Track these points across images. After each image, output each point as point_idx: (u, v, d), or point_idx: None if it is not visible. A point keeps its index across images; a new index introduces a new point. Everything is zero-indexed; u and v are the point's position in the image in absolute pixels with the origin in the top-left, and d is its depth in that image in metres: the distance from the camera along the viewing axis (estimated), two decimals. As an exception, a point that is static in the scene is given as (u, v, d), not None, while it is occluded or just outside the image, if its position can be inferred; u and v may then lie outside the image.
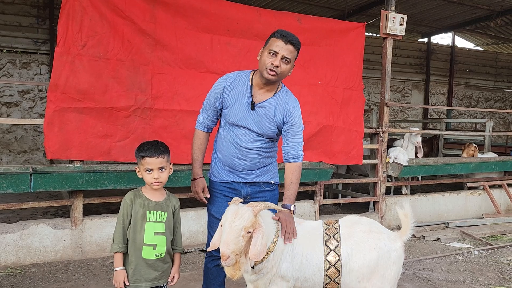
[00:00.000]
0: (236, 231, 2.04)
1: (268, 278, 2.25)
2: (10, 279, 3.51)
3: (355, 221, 2.43)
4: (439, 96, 12.83)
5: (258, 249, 2.06)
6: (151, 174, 2.22)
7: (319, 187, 5.23)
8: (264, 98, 2.52)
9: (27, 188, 3.58)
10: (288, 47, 2.42)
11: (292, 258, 2.26)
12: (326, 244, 2.28)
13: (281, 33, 2.44)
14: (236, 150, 2.54)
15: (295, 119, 2.54)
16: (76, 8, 3.72)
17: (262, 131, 2.53)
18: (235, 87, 2.54)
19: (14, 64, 8.21)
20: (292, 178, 2.51)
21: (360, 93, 5.28)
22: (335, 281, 2.26)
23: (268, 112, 2.51)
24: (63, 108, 3.72)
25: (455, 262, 4.46)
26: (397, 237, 2.39)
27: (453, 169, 6.00)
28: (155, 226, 2.23)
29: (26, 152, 8.40)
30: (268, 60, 2.42)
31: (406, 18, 5.39)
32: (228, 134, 2.57)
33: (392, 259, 2.31)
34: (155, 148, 2.24)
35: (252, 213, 2.09)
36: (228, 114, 2.54)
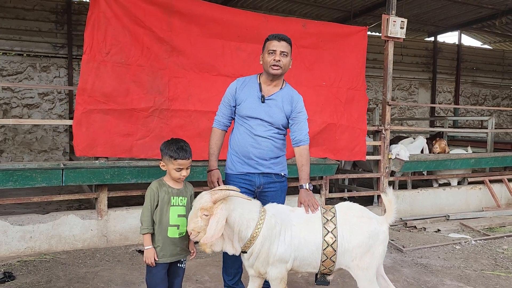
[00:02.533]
0: (194, 211, 2.41)
1: (262, 260, 2.52)
2: (45, 264, 3.91)
3: (349, 207, 2.74)
4: (446, 94, 13.01)
5: (211, 233, 2.34)
6: (180, 172, 2.59)
7: (325, 181, 5.56)
8: (272, 92, 2.95)
9: (59, 182, 3.98)
10: (282, 43, 2.87)
11: (290, 240, 2.53)
12: (324, 226, 2.59)
13: (273, 35, 2.91)
14: (251, 139, 2.92)
15: (300, 108, 2.98)
16: (101, 19, 4.11)
17: (273, 120, 2.91)
18: (246, 86, 2.97)
19: (34, 68, 8.64)
20: (302, 161, 2.93)
21: (363, 93, 5.58)
22: (331, 259, 2.58)
23: (277, 103, 2.92)
24: (89, 110, 4.11)
25: (452, 250, 4.75)
26: (384, 220, 2.71)
27: (453, 165, 6.27)
28: (178, 209, 2.62)
29: (46, 151, 8.83)
30: (270, 58, 2.86)
31: (406, 21, 5.68)
32: (243, 126, 2.95)
33: (380, 240, 2.65)
34: (184, 151, 2.59)
35: (210, 199, 2.40)
36: (241, 109, 2.94)
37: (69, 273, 3.72)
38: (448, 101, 12.92)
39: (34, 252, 4.11)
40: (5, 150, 8.41)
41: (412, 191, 6.31)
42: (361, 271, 2.62)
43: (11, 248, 4.02)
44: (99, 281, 3.58)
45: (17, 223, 4.06)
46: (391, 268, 4.14)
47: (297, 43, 5.10)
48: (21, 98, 8.51)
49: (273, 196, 3.02)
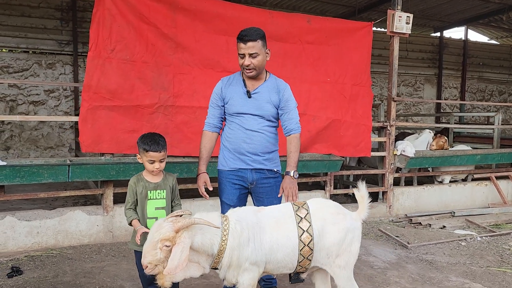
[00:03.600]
0: (153, 243, 2.18)
1: (233, 270, 2.36)
2: (51, 259, 3.95)
3: (322, 203, 2.64)
4: (452, 90, 12.93)
5: (175, 263, 2.11)
6: (153, 164, 2.64)
7: (329, 178, 5.56)
8: (257, 85, 2.93)
9: (65, 178, 4.01)
10: (248, 45, 2.77)
11: (260, 244, 2.38)
12: (299, 225, 2.45)
13: (239, 36, 2.81)
14: (242, 134, 2.91)
15: (287, 96, 2.94)
16: (106, 16, 4.12)
17: (263, 112, 2.90)
18: (231, 84, 2.97)
19: (40, 65, 8.69)
20: (291, 148, 2.92)
21: (368, 89, 5.57)
22: (308, 259, 2.47)
23: (263, 96, 2.91)
24: (95, 106, 4.13)
25: (457, 247, 4.74)
26: (358, 216, 2.66)
27: (458, 161, 6.24)
28: (156, 202, 2.68)
29: (52, 148, 8.89)
30: (240, 62, 2.85)
31: (412, 16, 5.64)
32: (234, 122, 2.94)
33: (356, 237, 2.60)
34: (157, 143, 2.63)
35: (172, 228, 2.18)
36: (230, 107, 2.94)
37: (75, 268, 3.76)
38: (454, 97, 12.84)
39: (41, 247, 4.15)
40: (12, 146, 8.48)
41: (417, 187, 6.29)
42: (339, 269, 2.55)
43: (18, 243, 4.07)
44: (105, 276, 3.61)
45: (24, 218, 4.10)
46: (396, 264, 4.14)
47: (302, 39, 5.12)
48: (27, 95, 8.57)
49: (267, 192, 2.99)
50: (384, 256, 4.36)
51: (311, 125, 5.11)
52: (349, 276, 2.61)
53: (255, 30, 2.82)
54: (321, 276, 2.76)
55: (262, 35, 2.85)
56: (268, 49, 2.90)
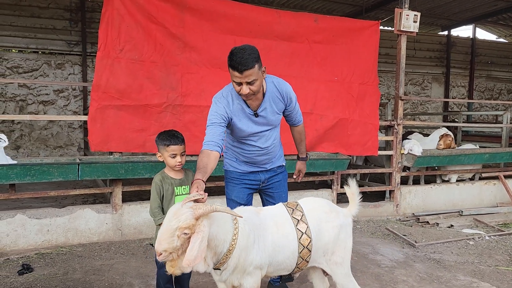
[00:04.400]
0: (170, 230, 2.02)
1: (238, 272, 2.30)
2: (61, 256, 4.00)
3: (315, 202, 2.63)
4: (459, 88, 12.86)
5: (194, 254, 1.98)
6: (175, 158, 2.72)
7: (336, 176, 5.56)
8: (259, 102, 2.76)
9: (75, 177, 4.06)
10: (245, 74, 2.47)
11: (264, 247, 2.34)
12: (297, 228, 2.44)
13: (233, 64, 2.47)
14: (258, 151, 2.91)
15: (290, 97, 2.89)
16: (115, 16, 4.16)
17: (272, 125, 2.90)
18: (232, 105, 2.72)
19: (49, 65, 8.78)
20: (301, 137, 3.19)
21: (375, 88, 5.56)
22: (306, 260, 2.48)
23: (270, 110, 2.81)
24: (104, 106, 4.18)
25: (465, 246, 4.73)
26: (349, 213, 2.68)
27: (467, 160, 6.21)
28: (182, 198, 2.69)
29: (62, 147, 8.99)
30: (237, 88, 2.58)
31: (419, 15, 5.63)
32: (247, 144, 2.88)
33: (349, 233, 2.63)
34: (176, 137, 2.74)
35: (192, 215, 2.04)
36: (239, 131, 2.80)
37: (85, 265, 3.81)
38: (462, 96, 12.76)
39: (51, 245, 4.21)
40: (22, 146, 8.58)
41: (424, 186, 6.27)
42: (336, 266, 2.57)
43: (29, 241, 4.13)
44: (114, 273, 3.66)
45: (34, 216, 4.16)
46: (403, 263, 4.14)
47: (309, 38, 5.13)
48: (36, 95, 8.67)
49: (277, 186, 3.09)
50: (391, 255, 4.35)
51: (319, 124, 5.13)
52: (347, 272, 2.63)
53: (249, 54, 2.46)
54: (318, 274, 2.78)
55: (257, 57, 2.51)
56: (264, 67, 2.60)
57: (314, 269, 2.75)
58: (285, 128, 3.19)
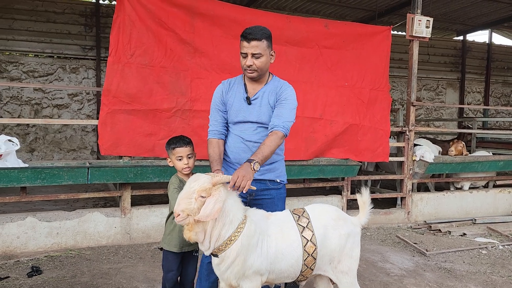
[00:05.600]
0: (189, 192, 2.19)
1: (236, 272, 2.28)
2: (70, 259, 4.04)
3: (323, 209, 2.59)
4: (475, 94, 12.66)
5: (207, 212, 2.13)
6: (181, 161, 2.74)
7: (346, 182, 5.51)
8: (257, 89, 2.70)
9: (85, 180, 4.10)
10: (252, 44, 2.53)
11: (267, 253, 2.32)
12: (302, 235, 2.39)
13: (243, 34, 2.57)
14: (242, 145, 2.68)
15: (286, 95, 2.63)
16: (126, 22, 4.21)
17: (263, 120, 2.66)
18: (232, 88, 2.75)
19: (64, 69, 8.93)
20: (265, 141, 2.50)
21: (386, 94, 5.51)
22: (310, 268, 2.43)
23: (263, 101, 2.67)
24: (114, 110, 4.22)
25: (478, 255, 4.63)
26: (358, 221, 2.62)
27: (480, 167, 6.10)
28: None
29: (75, 150, 9.11)
30: (243, 62, 2.61)
31: (432, 20, 5.56)
32: (234, 133, 2.72)
33: (356, 242, 2.58)
34: (182, 140, 2.78)
35: (209, 180, 2.20)
36: (230, 114, 2.72)
37: (93, 268, 3.83)
38: (477, 102, 12.56)
39: (60, 247, 4.26)
40: (36, 148, 8.72)
41: (436, 193, 6.17)
42: (342, 275, 2.53)
43: (39, 244, 4.18)
44: (121, 277, 3.67)
45: (45, 219, 4.21)
46: (413, 272, 4.07)
47: (319, 44, 5.11)
48: (51, 99, 8.82)
49: (268, 204, 2.69)
50: (401, 263, 4.29)
51: (328, 129, 5.09)
52: (353, 281, 2.59)
53: (261, 29, 2.57)
54: (324, 282, 2.74)
55: (268, 35, 2.61)
56: (273, 51, 2.67)
57: (321, 277, 2.72)
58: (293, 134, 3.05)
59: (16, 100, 8.57)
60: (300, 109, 5.04)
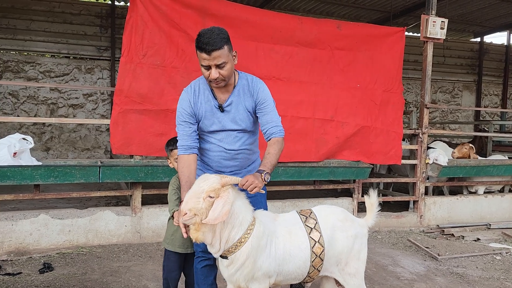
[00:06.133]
0: (198, 191, 2.14)
1: (246, 274, 2.26)
2: (81, 256, 4.09)
3: (330, 210, 2.58)
4: (492, 97, 12.44)
5: (215, 215, 2.09)
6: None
7: (357, 185, 5.46)
8: (227, 95, 2.49)
9: (96, 179, 4.15)
10: (213, 55, 2.27)
11: (275, 254, 2.31)
12: (310, 236, 2.38)
13: (200, 45, 2.28)
14: (223, 153, 2.54)
15: (262, 96, 2.49)
16: (139, 22, 4.25)
17: (241, 126, 2.52)
18: (198, 96, 2.49)
19: (79, 70, 9.07)
20: (269, 150, 2.42)
21: (399, 96, 5.44)
22: (317, 269, 2.43)
23: (238, 106, 2.49)
24: (126, 110, 4.26)
25: (491, 261, 4.53)
26: (365, 223, 2.62)
27: (495, 171, 5.98)
28: None
29: (89, 149, 9.24)
30: (206, 73, 2.36)
31: (447, 21, 5.48)
32: (211, 142, 2.55)
33: (364, 244, 2.56)
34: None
35: (219, 181, 2.17)
36: (204, 125, 2.51)
37: (103, 266, 3.87)
38: (494, 105, 12.33)
39: (72, 245, 4.31)
40: (52, 147, 8.87)
41: (450, 197, 6.07)
42: (349, 277, 2.52)
43: (51, 241, 4.24)
44: (131, 275, 3.70)
45: (57, 217, 4.27)
46: (424, 276, 4.00)
47: (331, 45, 5.09)
48: (67, 99, 8.97)
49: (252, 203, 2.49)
50: (412, 267, 4.23)
51: (340, 131, 5.06)
52: (360, 284, 2.57)
53: (217, 34, 2.28)
54: (331, 284, 2.72)
55: (227, 38, 2.33)
56: (235, 51, 2.41)
57: (327, 278, 2.70)
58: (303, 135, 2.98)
59: (32, 100, 8.74)
60: (311, 110, 5.07)
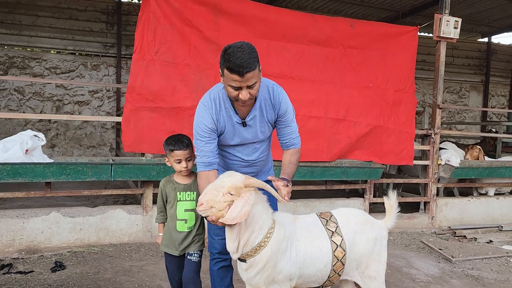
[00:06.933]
0: (219, 185, 2.10)
1: (266, 277, 2.23)
2: (93, 255, 4.04)
3: (350, 213, 2.55)
4: (499, 98, 12.36)
5: (234, 215, 2.03)
6: (180, 164, 2.64)
7: (369, 185, 5.41)
8: (249, 108, 2.40)
9: (108, 177, 4.10)
10: (247, 76, 2.14)
11: (296, 257, 2.27)
12: (332, 240, 2.35)
13: (232, 67, 2.11)
14: (241, 162, 2.54)
15: (284, 108, 2.45)
16: (151, 19, 4.20)
17: (260, 137, 2.51)
18: (220, 111, 2.38)
19: (85, 66, 9.01)
20: (291, 159, 2.51)
21: (412, 96, 5.39)
22: (338, 274, 2.39)
23: (260, 120, 2.45)
24: (138, 108, 4.21)
25: (506, 263, 4.48)
26: (384, 225, 2.58)
27: (508, 172, 5.92)
28: (185, 204, 2.67)
29: (94, 147, 9.19)
30: (233, 93, 2.22)
31: (460, 21, 5.42)
32: (228, 152, 2.53)
33: (384, 246, 2.53)
34: (181, 142, 2.63)
35: (242, 180, 2.11)
36: (223, 140, 2.46)
37: (115, 265, 3.83)
38: (501, 105, 12.26)
39: (83, 243, 4.27)
40: (57, 144, 8.82)
41: (462, 199, 6.02)
42: (370, 280, 2.48)
43: (62, 239, 4.19)
44: (144, 275, 3.66)
45: (68, 215, 4.23)
46: (440, 278, 3.96)
47: (344, 44, 5.03)
48: (73, 95, 8.91)
49: None
50: (426, 269, 4.18)
51: (351, 131, 5.00)
52: (381, 287, 2.53)
53: (249, 54, 2.12)
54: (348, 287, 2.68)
55: (257, 55, 2.19)
56: (259, 65, 2.24)
57: (346, 281, 2.65)
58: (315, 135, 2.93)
59: (38, 96, 8.68)
60: (323, 109, 5.02)
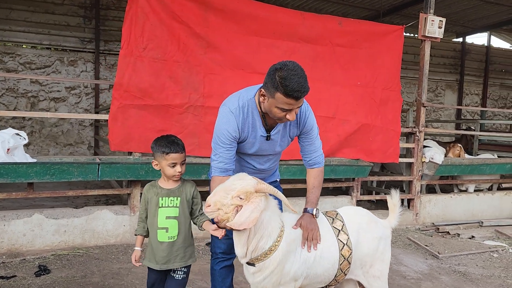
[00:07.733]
0: (229, 188, 2.03)
1: (274, 280, 2.19)
2: (78, 258, 3.90)
3: (355, 212, 2.54)
4: (473, 96, 12.72)
5: (242, 220, 1.98)
6: (174, 168, 2.34)
7: (356, 183, 5.45)
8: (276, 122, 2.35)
9: (95, 177, 3.96)
10: (300, 100, 2.13)
11: (305, 257, 2.24)
12: (339, 239, 2.34)
13: (290, 92, 2.05)
14: (253, 170, 2.49)
15: (310, 124, 2.40)
16: (139, 14, 4.07)
17: (277, 150, 2.49)
18: (246, 120, 2.31)
19: (62, 62, 8.70)
20: (314, 183, 2.47)
21: (398, 94, 5.45)
22: (344, 273, 2.38)
23: (282, 133, 2.41)
24: (125, 105, 4.07)
25: (489, 258, 4.60)
26: (388, 224, 2.59)
27: (489, 170, 6.09)
28: (167, 211, 2.36)
29: (72, 145, 8.90)
30: (280, 114, 2.16)
31: (444, 21, 5.53)
32: (241, 160, 2.48)
33: (388, 245, 2.54)
34: (176, 144, 2.35)
35: (253, 185, 2.05)
36: (242, 147, 2.39)
37: (103, 268, 3.70)
38: (475, 104, 12.63)
39: (68, 246, 4.11)
40: (32, 142, 8.49)
41: (444, 195, 6.15)
42: (374, 279, 2.48)
43: (45, 242, 4.03)
44: (133, 277, 3.55)
45: (52, 216, 4.06)
46: (429, 275, 4.01)
47: (332, 42, 5.03)
48: (48, 92, 8.59)
49: None
50: (415, 266, 4.23)
51: (341, 129, 5.01)
52: (384, 286, 2.53)
53: (304, 77, 2.09)
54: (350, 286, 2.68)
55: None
56: None
57: (347, 280, 2.65)
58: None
59: (12, 93, 8.33)
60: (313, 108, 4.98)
